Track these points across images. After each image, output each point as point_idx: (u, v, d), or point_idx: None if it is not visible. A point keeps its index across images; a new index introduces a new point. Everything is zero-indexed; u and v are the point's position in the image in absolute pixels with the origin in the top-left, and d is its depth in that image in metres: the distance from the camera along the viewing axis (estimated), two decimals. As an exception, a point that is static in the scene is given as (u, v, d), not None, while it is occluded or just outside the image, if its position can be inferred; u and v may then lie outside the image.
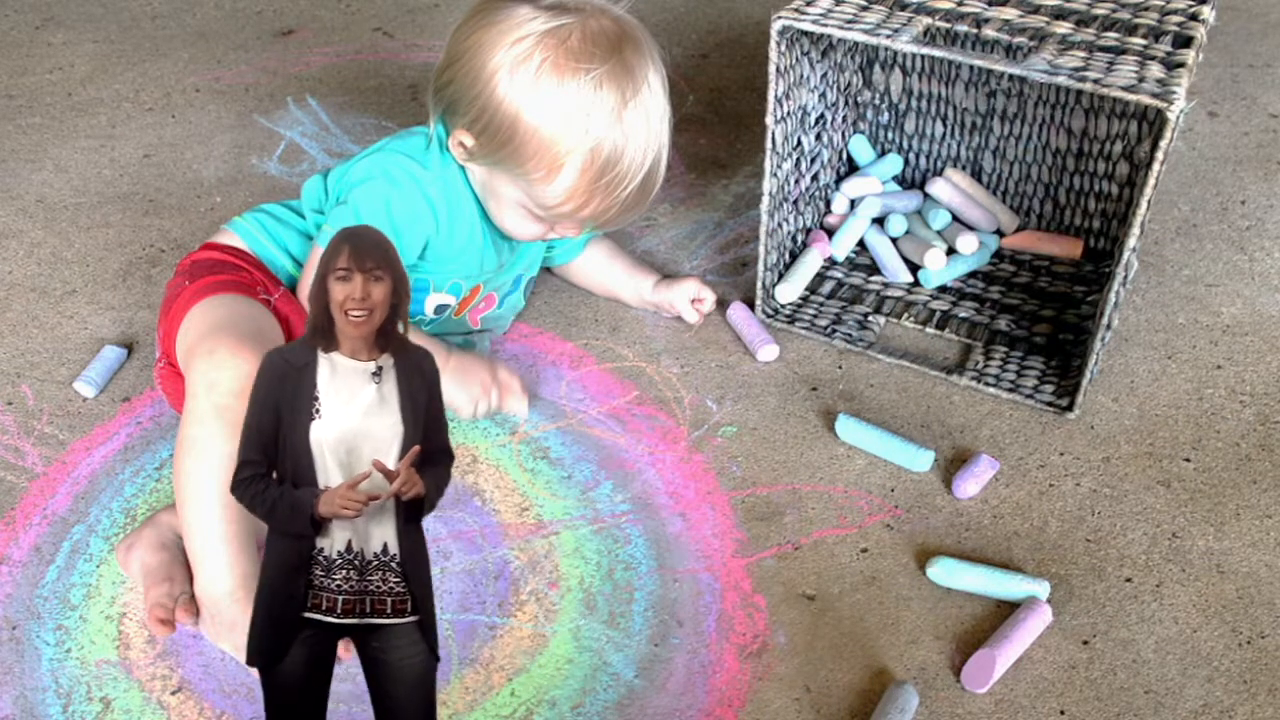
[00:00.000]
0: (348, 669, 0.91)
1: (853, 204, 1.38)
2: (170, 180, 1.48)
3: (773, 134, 1.14)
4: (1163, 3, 1.10)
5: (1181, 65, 0.99)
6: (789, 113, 1.18)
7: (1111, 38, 1.04)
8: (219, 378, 0.92)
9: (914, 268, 1.32)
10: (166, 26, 1.86)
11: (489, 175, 1.05)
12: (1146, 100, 0.93)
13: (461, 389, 1.09)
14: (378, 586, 0.70)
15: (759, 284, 1.24)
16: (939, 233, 1.34)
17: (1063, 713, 0.89)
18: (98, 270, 1.32)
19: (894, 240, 1.34)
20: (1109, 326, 1.11)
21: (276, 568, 0.70)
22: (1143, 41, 1.03)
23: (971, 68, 1.31)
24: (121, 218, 1.41)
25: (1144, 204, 0.99)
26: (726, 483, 1.07)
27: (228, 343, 0.94)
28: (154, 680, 0.90)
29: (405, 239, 1.04)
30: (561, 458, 1.09)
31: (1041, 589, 0.96)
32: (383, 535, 0.70)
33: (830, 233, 1.37)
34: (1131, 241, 1.02)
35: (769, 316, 1.25)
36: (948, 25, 1.06)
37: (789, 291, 1.26)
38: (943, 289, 1.30)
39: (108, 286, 1.30)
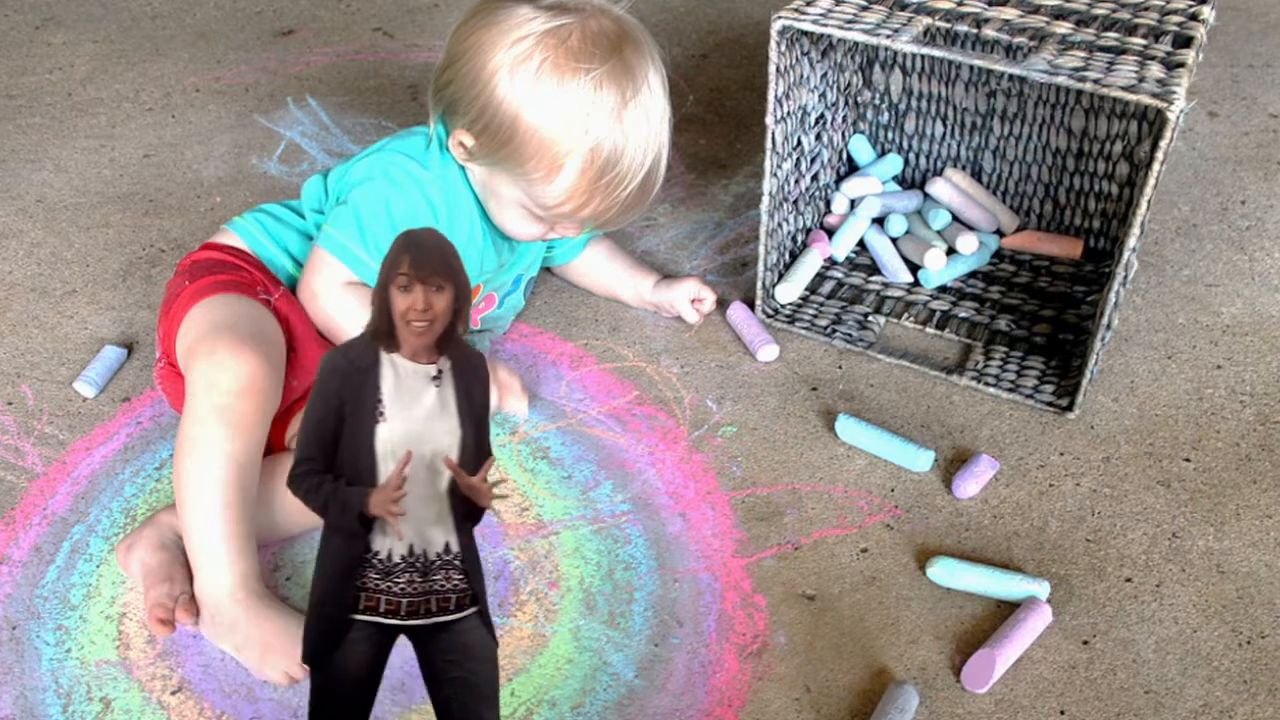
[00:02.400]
0: (348, 669, 0.91)
1: (853, 204, 1.38)
2: (170, 180, 1.48)
3: (773, 134, 1.14)
4: (1163, 3, 1.10)
5: (1181, 65, 0.99)
6: (789, 113, 1.18)
7: (1111, 38, 1.04)
8: (219, 378, 0.92)
9: (914, 268, 1.32)
10: (166, 26, 1.86)
11: (489, 175, 1.05)
12: (1146, 100, 0.93)
13: (461, 389, 1.08)
14: (441, 585, 0.71)
15: (759, 284, 1.24)
16: (939, 233, 1.34)
17: (1063, 713, 0.89)
18: (98, 270, 1.32)
19: (894, 240, 1.34)
20: (1109, 326, 1.11)
21: (330, 568, 0.70)
22: (1143, 41, 1.03)
23: (971, 68, 1.31)
24: (121, 218, 1.41)
25: (1144, 204, 0.99)
26: (726, 483, 1.07)
27: (228, 343, 0.94)
28: (154, 680, 0.90)
29: (405, 239, 1.04)
30: (561, 458, 1.09)
31: (1041, 589, 0.96)
32: (444, 536, 0.71)
33: (830, 233, 1.37)
34: (1131, 241, 1.02)
35: (769, 316, 1.25)
36: (948, 25, 1.06)
37: (789, 291, 1.26)
38: (943, 289, 1.30)
39: (108, 286, 1.30)
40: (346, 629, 0.70)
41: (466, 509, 0.71)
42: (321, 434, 0.69)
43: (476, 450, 0.70)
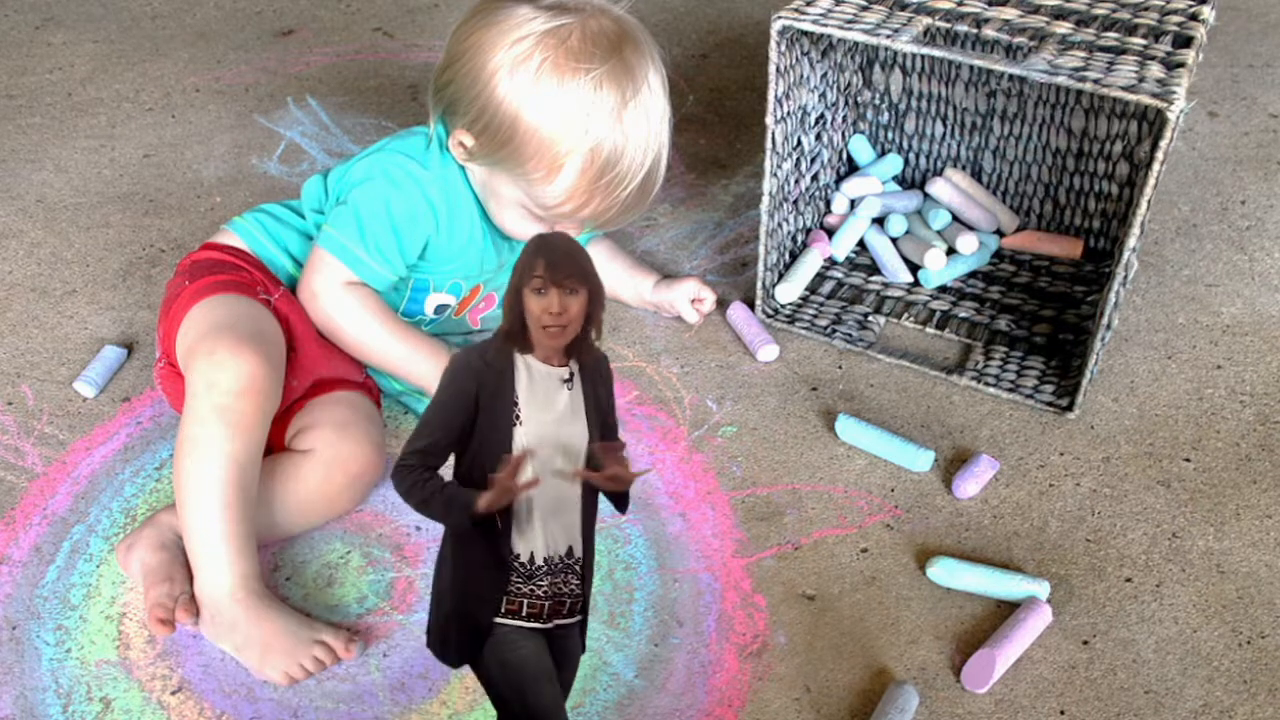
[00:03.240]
0: (348, 669, 0.91)
1: (853, 204, 1.38)
2: (170, 180, 1.48)
3: (773, 134, 1.14)
4: (1163, 3, 1.10)
5: (1181, 65, 0.99)
6: (789, 113, 1.18)
7: (1111, 38, 1.04)
8: (219, 378, 0.92)
9: (914, 268, 1.32)
10: (166, 26, 1.86)
11: (489, 175, 1.05)
12: (1146, 100, 0.93)
13: (461, 389, 1.08)
14: (562, 589, 0.71)
15: (759, 284, 1.24)
16: (939, 233, 1.34)
17: (1063, 713, 0.89)
18: (98, 270, 1.32)
19: (894, 240, 1.34)
20: (1109, 326, 1.11)
21: (467, 573, 0.70)
22: (1143, 41, 1.03)
23: (971, 68, 1.31)
24: (121, 218, 1.41)
25: (1144, 204, 0.99)
26: (726, 483, 1.07)
27: (228, 343, 0.94)
28: (154, 680, 0.90)
29: (405, 239, 1.04)
30: (561, 458, 1.09)
31: (1041, 589, 0.96)
32: (568, 538, 0.70)
33: (830, 233, 1.37)
34: (1131, 241, 1.02)
35: (769, 316, 1.25)
36: (948, 25, 1.06)
37: (789, 291, 1.26)
38: (943, 289, 1.30)
39: (108, 286, 1.30)
40: (488, 633, 0.70)
41: (617, 502, 0.71)
42: (446, 429, 0.68)
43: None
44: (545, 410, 0.68)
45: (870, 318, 1.26)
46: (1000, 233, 1.37)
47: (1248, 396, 1.17)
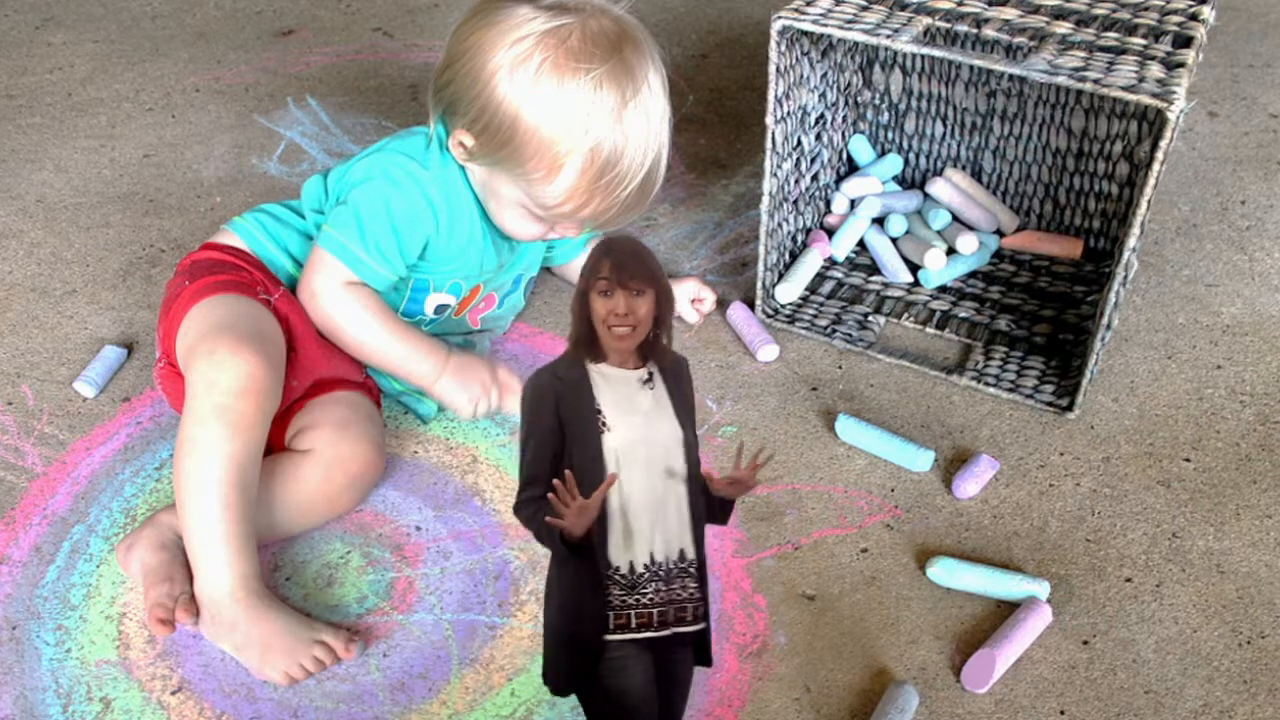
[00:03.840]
0: (348, 669, 0.91)
1: (853, 204, 1.38)
2: (170, 180, 1.48)
3: (773, 134, 1.14)
4: (1163, 3, 1.10)
5: (1181, 65, 0.99)
6: (789, 113, 1.18)
7: (1111, 38, 1.04)
8: (219, 378, 0.92)
9: (914, 268, 1.32)
10: (166, 26, 1.86)
11: (489, 175, 1.05)
12: (1146, 100, 0.93)
13: (461, 389, 1.09)
14: (679, 594, 0.69)
15: (759, 284, 1.24)
16: (939, 233, 1.34)
17: (1063, 713, 0.89)
18: (98, 270, 1.32)
19: (894, 240, 1.34)
20: (1109, 326, 1.11)
21: (572, 594, 0.69)
22: (1143, 41, 1.03)
23: (971, 68, 1.31)
24: (121, 218, 1.41)
25: (1144, 204, 0.99)
26: (726, 483, 1.07)
27: (228, 343, 0.94)
28: (154, 680, 0.90)
29: (405, 239, 1.04)
30: (561, 458, 1.09)
31: (1041, 589, 0.96)
32: (680, 541, 0.69)
33: (830, 233, 1.37)
34: (1131, 241, 1.02)
35: (769, 316, 1.25)
36: (948, 25, 1.06)
37: (789, 291, 1.26)
38: (943, 289, 1.30)
39: (108, 286, 1.30)
40: (600, 651, 0.69)
41: (709, 512, 0.69)
42: (541, 456, 0.68)
43: (696, 449, 0.69)
44: (630, 413, 0.68)
45: (870, 318, 1.26)
46: (1000, 233, 1.37)
47: (1248, 396, 1.17)
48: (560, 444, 0.68)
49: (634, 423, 0.68)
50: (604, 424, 0.67)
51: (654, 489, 0.68)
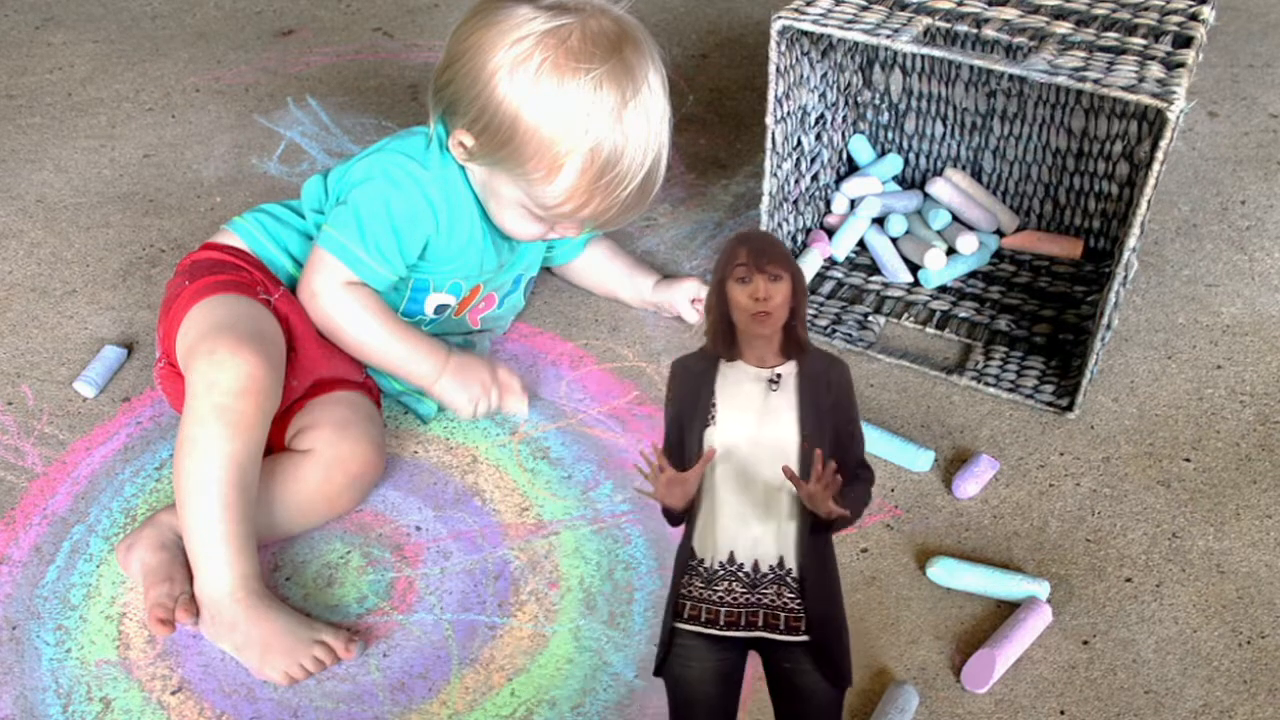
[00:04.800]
0: (348, 669, 0.91)
1: (853, 204, 1.38)
2: (170, 180, 1.48)
3: (773, 134, 1.14)
4: (1163, 3, 1.10)
5: (1181, 65, 0.99)
6: (789, 113, 1.18)
7: (1111, 38, 1.04)
8: (219, 378, 0.92)
9: (914, 268, 1.32)
10: (166, 26, 1.86)
11: (489, 175, 1.05)
12: (1146, 100, 0.93)
13: (461, 389, 1.09)
14: (771, 600, 0.67)
15: (759, 284, 1.24)
16: (939, 233, 1.34)
17: (1063, 713, 0.89)
18: (98, 270, 1.32)
19: (894, 240, 1.34)
20: (1109, 326, 1.11)
21: (672, 577, 0.70)
22: (1143, 41, 1.03)
23: (971, 68, 1.31)
24: (121, 218, 1.41)
25: (1144, 204, 0.99)
26: (726, 483, 1.07)
27: (228, 343, 0.94)
28: (154, 680, 0.90)
29: (405, 239, 1.04)
30: (561, 458, 1.09)
31: (1041, 589, 0.96)
32: (780, 548, 0.67)
33: (830, 233, 1.37)
34: (1131, 241, 1.02)
35: (769, 316, 1.25)
36: (948, 25, 1.06)
37: (789, 291, 1.26)
38: (943, 289, 1.30)
39: (108, 286, 1.30)
40: (674, 637, 0.69)
41: (814, 525, 0.67)
42: (668, 442, 0.69)
43: (827, 459, 0.66)
44: (741, 410, 0.67)
45: (870, 318, 1.26)
46: (1000, 233, 1.37)
47: (1248, 396, 1.17)
48: (682, 433, 0.69)
49: (742, 420, 0.67)
50: (712, 417, 0.67)
51: (747, 490, 0.67)
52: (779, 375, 0.68)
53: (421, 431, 1.12)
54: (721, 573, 0.68)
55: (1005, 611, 0.96)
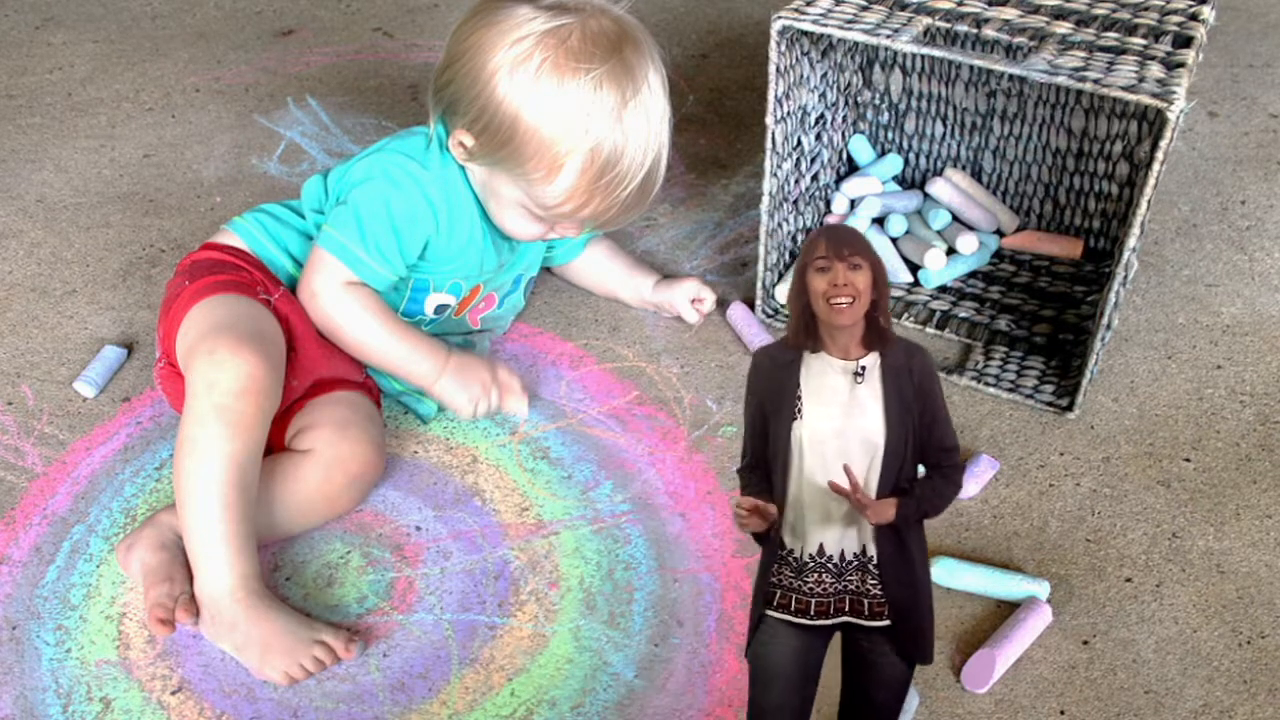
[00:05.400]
0: (348, 669, 0.91)
1: (853, 204, 1.38)
2: (170, 180, 1.48)
3: (773, 134, 1.14)
4: (1163, 3, 1.10)
5: (1181, 65, 0.99)
6: (789, 113, 1.18)
7: (1111, 38, 1.04)
8: (219, 378, 0.92)
9: (914, 268, 1.32)
10: (166, 26, 1.86)
11: (489, 175, 1.05)
12: (1146, 100, 0.93)
13: (461, 389, 1.09)
14: (856, 587, 0.69)
15: (759, 284, 1.24)
16: (939, 233, 1.34)
17: (1063, 713, 0.89)
18: (98, 270, 1.32)
19: (894, 240, 1.34)
20: (1109, 326, 1.11)
21: (760, 564, 0.70)
22: (1143, 41, 1.03)
23: (971, 68, 1.31)
24: (121, 218, 1.41)
25: (1144, 204, 0.99)
26: (726, 483, 1.07)
27: (228, 343, 0.94)
28: (154, 680, 0.90)
29: (405, 239, 1.04)
30: (561, 458, 1.09)
31: (1041, 589, 0.96)
32: (862, 538, 0.68)
33: (830, 233, 1.36)
34: (1131, 241, 1.02)
35: (769, 316, 1.25)
36: (948, 25, 1.06)
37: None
38: (943, 289, 1.30)
39: (108, 286, 1.30)
40: (759, 622, 0.70)
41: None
42: (752, 431, 0.69)
43: (908, 453, 0.68)
44: (827, 403, 0.67)
45: (870, 318, 1.26)
46: (1000, 233, 1.37)
47: (1248, 396, 1.17)
48: (765, 422, 0.69)
49: (828, 413, 0.67)
50: (798, 410, 0.67)
51: (831, 481, 0.67)
52: (864, 367, 0.68)
53: (421, 431, 1.12)
54: (811, 564, 0.69)
55: (1005, 611, 0.96)
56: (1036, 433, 1.13)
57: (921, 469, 0.71)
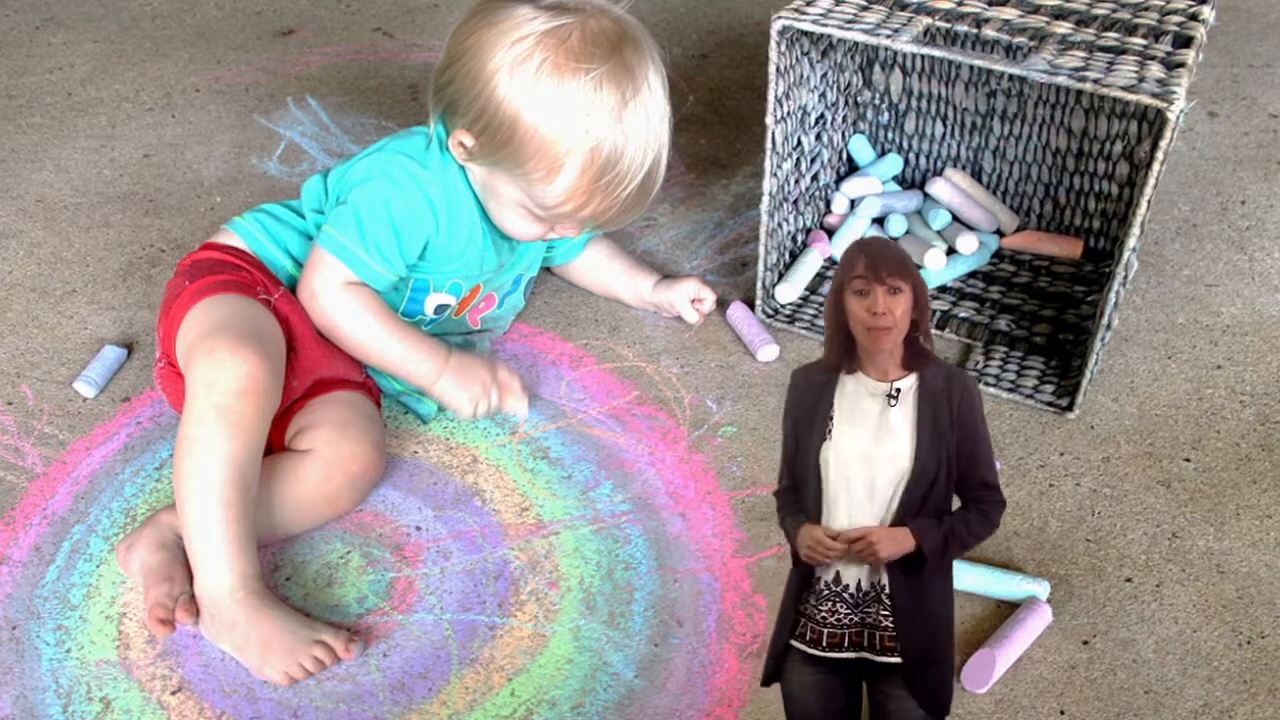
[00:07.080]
0: (348, 669, 0.91)
1: (853, 204, 1.38)
2: (170, 180, 1.48)
3: (773, 134, 1.14)
4: (1163, 3, 1.10)
5: (1181, 65, 0.99)
6: (789, 113, 1.18)
7: (1111, 38, 1.04)
8: (219, 378, 0.92)
9: (914, 268, 1.32)
10: (166, 26, 1.86)
11: (489, 175, 1.05)
12: (1146, 100, 0.93)
13: (461, 389, 1.09)
14: (874, 620, 0.67)
15: (759, 284, 1.24)
16: (939, 233, 1.34)
17: (1063, 713, 0.89)
18: (98, 270, 1.32)
19: (894, 240, 1.34)
20: (1109, 326, 1.11)
21: (786, 590, 0.69)
22: (1143, 41, 1.03)
23: (971, 68, 1.31)
24: (121, 218, 1.41)
25: (1144, 204, 0.99)
26: (726, 483, 1.07)
27: (227, 343, 0.94)
28: (154, 680, 0.90)
29: (405, 239, 1.04)
30: (561, 458, 1.09)
31: (1041, 589, 0.96)
32: (878, 570, 0.67)
33: (830, 233, 1.37)
34: (1131, 241, 1.02)
35: (769, 316, 1.25)
36: (948, 25, 1.06)
37: (789, 291, 1.26)
38: (943, 289, 1.30)
39: (108, 286, 1.30)
40: (783, 654, 0.69)
41: (902, 559, 0.66)
42: (786, 451, 0.68)
43: (939, 481, 0.66)
44: (856, 425, 0.65)
45: (870, 318, 1.26)
46: (1000, 233, 1.37)
47: (1248, 396, 1.17)
48: (799, 444, 0.68)
49: (857, 435, 0.65)
50: (829, 431, 0.65)
51: (856, 508, 0.65)
52: (898, 390, 0.66)
53: (421, 431, 1.12)
54: (827, 593, 0.67)
55: (1005, 611, 0.95)
56: (1036, 433, 1.13)
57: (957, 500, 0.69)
